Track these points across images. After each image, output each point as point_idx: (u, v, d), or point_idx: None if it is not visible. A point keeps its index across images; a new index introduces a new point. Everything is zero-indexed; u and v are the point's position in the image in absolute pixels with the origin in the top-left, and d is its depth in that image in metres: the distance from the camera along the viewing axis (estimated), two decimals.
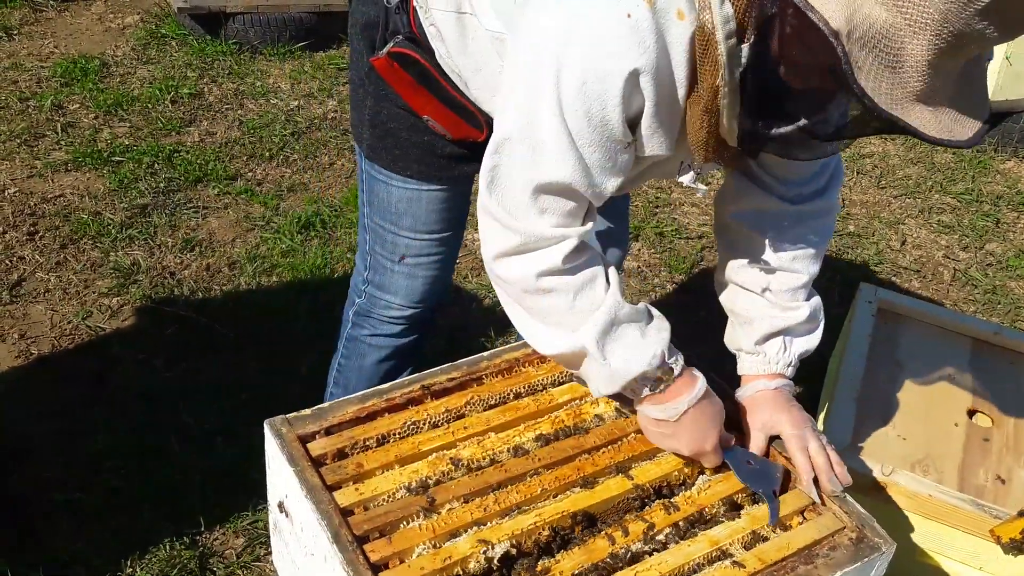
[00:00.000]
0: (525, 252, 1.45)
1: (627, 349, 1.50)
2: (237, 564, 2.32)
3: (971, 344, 2.47)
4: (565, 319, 1.48)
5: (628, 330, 1.51)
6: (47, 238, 3.45)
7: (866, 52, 1.14)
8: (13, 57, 4.69)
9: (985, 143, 4.75)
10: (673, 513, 1.53)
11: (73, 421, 2.67)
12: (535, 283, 1.46)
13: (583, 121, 1.33)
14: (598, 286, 1.49)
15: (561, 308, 1.48)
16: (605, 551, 1.45)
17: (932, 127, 1.18)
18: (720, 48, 1.24)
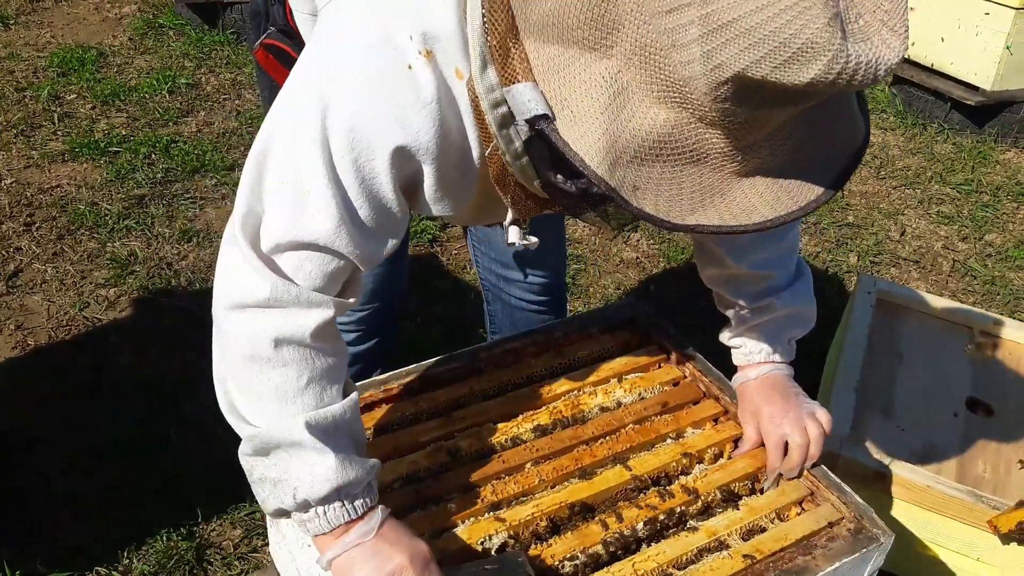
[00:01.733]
0: (270, 308, 1.21)
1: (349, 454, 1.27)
2: (234, 555, 2.32)
3: (970, 335, 2.47)
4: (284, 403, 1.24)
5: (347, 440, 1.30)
6: (44, 229, 3.44)
7: (648, 166, 1.00)
8: (10, 47, 4.68)
9: (985, 133, 4.74)
10: (668, 500, 1.53)
11: (71, 412, 2.67)
12: (270, 350, 1.21)
13: (351, 172, 1.18)
14: (336, 385, 1.29)
15: (288, 388, 1.23)
16: (598, 536, 1.45)
17: (765, 204, 1.04)
18: (488, 117, 1.12)
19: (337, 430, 1.27)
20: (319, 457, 1.23)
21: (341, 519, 1.26)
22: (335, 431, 1.26)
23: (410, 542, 1.28)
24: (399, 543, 1.27)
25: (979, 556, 1.97)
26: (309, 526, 1.28)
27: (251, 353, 1.22)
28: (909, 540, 1.98)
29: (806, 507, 1.56)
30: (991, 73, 4.48)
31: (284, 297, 1.20)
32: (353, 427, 1.31)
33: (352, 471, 1.25)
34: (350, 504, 1.26)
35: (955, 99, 4.69)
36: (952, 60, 4.63)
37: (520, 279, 2.08)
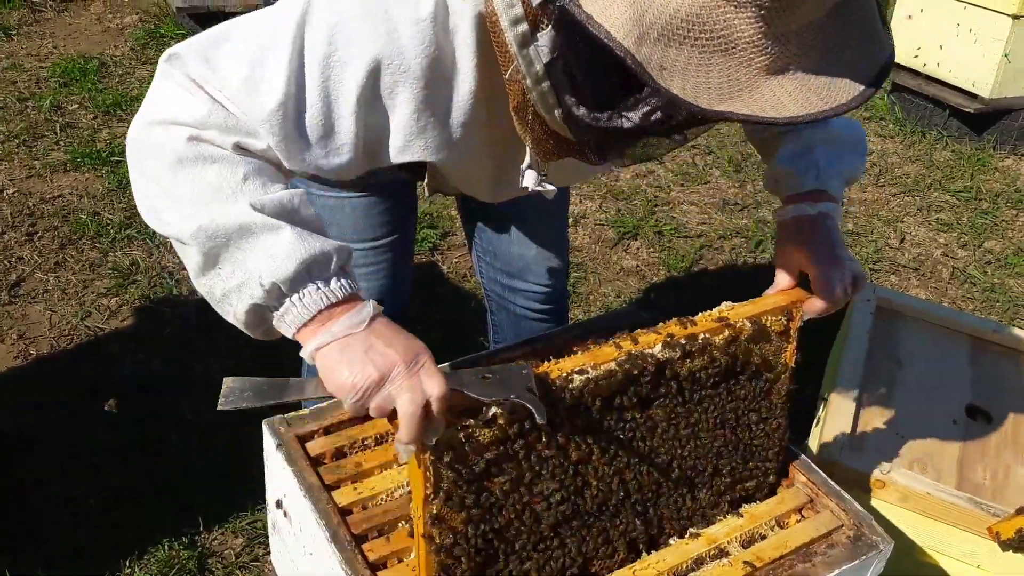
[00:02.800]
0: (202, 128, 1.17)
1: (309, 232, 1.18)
2: (236, 564, 2.32)
3: (970, 342, 2.47)
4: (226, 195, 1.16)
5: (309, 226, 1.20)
6: (46, 238, 3.45)
7: (675, 47, 0.98)
8: (12, 57, 4.70)
9: (984, 141, 4.75)
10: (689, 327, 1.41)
11: (73, 420, 2.67)
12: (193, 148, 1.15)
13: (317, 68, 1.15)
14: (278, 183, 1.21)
15: (226, 182, 1.16)
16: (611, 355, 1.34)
17: (795, 102, 1.00)
18: (507, 36, 1.08)
19: (288, 214, 1.17)
20: (274, 236, 1.14)
21: (320, 303, 1.15)
22: (286, 215, 1.17)
23: (407, 340, 1.17)
24: (394, 341, 1.16)
25: (979, 563, 1.97)
26: (288, 318, 1.16)
27: (175, 158, 1.15)
28: (909, 547, 1.99)
29: (806, 514, 1.57)
30: (989, 81, 4.49)
31: (213, 119, 1.16)
32: (306, 215, 1.20)
33: (315, 243, 1.15)
34: (325, 286, 1.16)
35: (954, 106, 4.70)
36: (951, 68, 4.65)
37: (525, 288, 2.09)
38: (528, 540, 1.34)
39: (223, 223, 1.14)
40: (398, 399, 1.13)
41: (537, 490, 1.31)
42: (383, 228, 1.87)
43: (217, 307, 1.23)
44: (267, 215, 1.15)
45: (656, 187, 4.25)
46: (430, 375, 1.14)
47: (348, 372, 1.13)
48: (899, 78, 4.92)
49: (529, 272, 2.06)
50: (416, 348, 1.16)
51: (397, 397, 1.13)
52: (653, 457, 1.42)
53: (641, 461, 1.41)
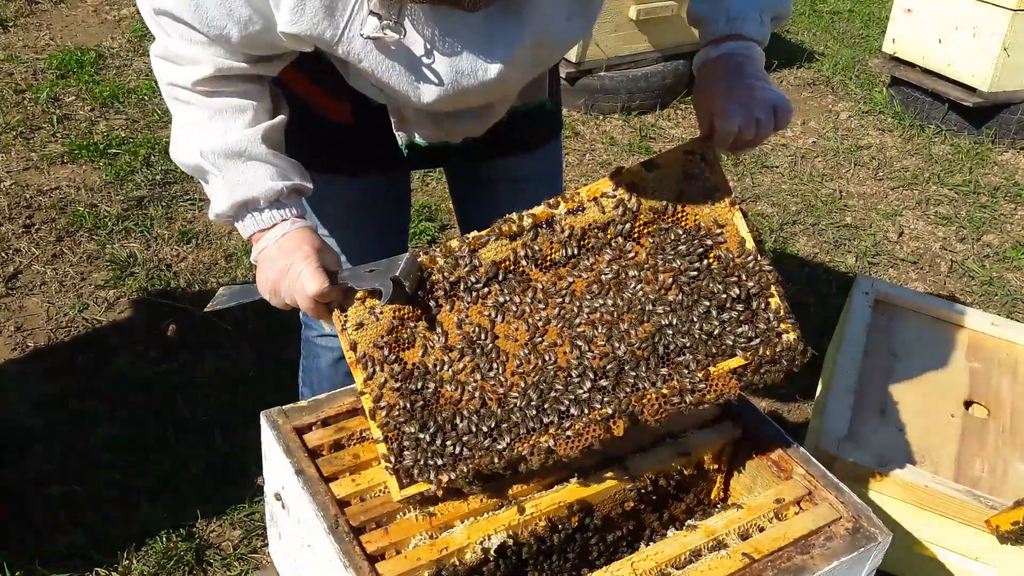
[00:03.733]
0: (165, 59, 1.43)
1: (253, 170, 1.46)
2: (234, 556, 2.32)
3: (968, 335, 2.47)
4: (195, 133, 1.46)
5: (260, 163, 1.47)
6: (43, 231, 3.44)
7: None
8: (8, 49, 4.68)
9: (983, 134, 4.75)
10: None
11: (70, 413, 2.67)
12: (169, 91, 1.45)
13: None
14: (241, 118, 1.45)
15: (196, 122, 1.45)
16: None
17: None
18: None
19: (238, 156, 1.44)
20: (217, 182, 1.46)
21: (252, 228, 1.49)
22: (236, 157, 1.44)
23: (296, 250, 1.45)
24: (285, 250, 1.46)
25: (976, 555, 1.97)
26: (241, 231, 1.51)
27: (165, 95, 1.47)
28: (907, 540, 1.99)
29: (804, 506, 1.56)
30: (988, 74, 4.48)
31: (169, 53, 1.41)
32: (255, 152, 1.45)
33: (242, 191, 1.45)
34: (258, 215, 1.48)
35: (953, 100, 4.70)
36: (950, 61, 4.64)
37: None
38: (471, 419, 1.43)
39: (188, 161, 1.48)
40: (294, 297, 1.46)
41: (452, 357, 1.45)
42: (373, 215, 1.87)
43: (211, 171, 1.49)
44: (218, 159, 1.44)
45: None
46: (307, 276, 1.42)
47: (261, 281, 1.50)
48: (898, 72, 4.91)
49: None
50: (299, 255, 1.44)
51: (293, 295, 1.45)
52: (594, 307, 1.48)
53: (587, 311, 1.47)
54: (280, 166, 1.49)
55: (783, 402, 2.95)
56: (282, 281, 1.45)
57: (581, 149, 4.44)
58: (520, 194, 1.95)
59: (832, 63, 5.61)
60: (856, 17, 6.36)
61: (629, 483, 1.55)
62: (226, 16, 1.32)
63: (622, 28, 4.59)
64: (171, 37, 1.39)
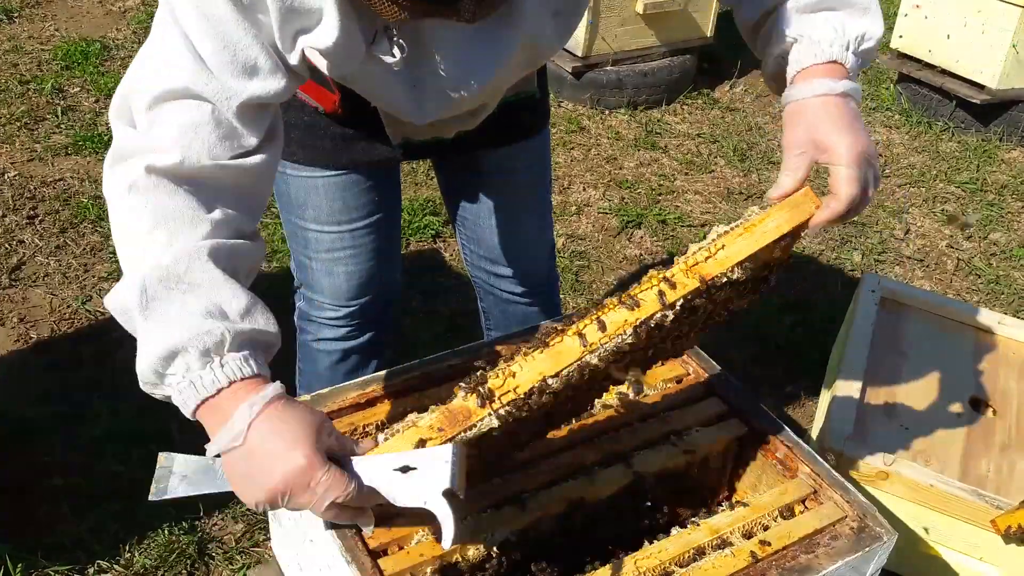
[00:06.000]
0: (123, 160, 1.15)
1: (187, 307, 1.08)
2: (236, 549, 2.32)
3: (974, 334, 2.46)
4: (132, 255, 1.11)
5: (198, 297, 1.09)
6: (47, 222, 3.43)
7: None
8: (14, 40, 4.67)
9: (991, 132, 4.73)
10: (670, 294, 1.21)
11: (73, 405, 2.67)
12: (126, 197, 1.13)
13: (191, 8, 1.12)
14: (196, 229, 1.11)
15: (135, 232, 1.12)
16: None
17: None
18: None
19: (182, 283, 1.08)
20: (138, 326, 1.08)
21: (191, 401, 1.08)
22: (178, 285, 1.08)
23: (285, 456, 1.06)
24: (269, 460, 1.05)
25: (982, 555, 1.96)
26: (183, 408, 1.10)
27: (110, 207, 1.15)
28: (912, 539, 1.98)
29: (809, 505, 1.55)
30: (997, 71, 4.46)
31: (126, 144, 1.15)
32: (202, 282, 1.09)
33: (167, 338, 1.05)
34: (198, 380, 1.06)
35: (960, 97, 4.68)
36: (958, 58, 4.62)
37: (508, 274, 2.07)
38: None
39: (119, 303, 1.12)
40: (309, 509, 1.10)
41: None
42: (362, 209, 1.83)
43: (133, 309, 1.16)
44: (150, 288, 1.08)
45: (660, 176, 4.23)
46: (327, 486, 1.07)
47: (241, 489, 1.09)
48: (906, 68, 4.89)
49: (511, 258, 2.04)
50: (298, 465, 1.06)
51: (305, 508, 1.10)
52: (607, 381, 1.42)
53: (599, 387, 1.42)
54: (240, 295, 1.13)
55: (789, 400, 2.94)
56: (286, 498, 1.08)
57: (586, 144, 4.42)
58: (512, 185, 1.94)
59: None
60: None
61: (633, 481, 1.54)
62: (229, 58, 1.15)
63: (629, 22, 4.58)
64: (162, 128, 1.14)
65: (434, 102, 1.40)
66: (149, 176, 1.12)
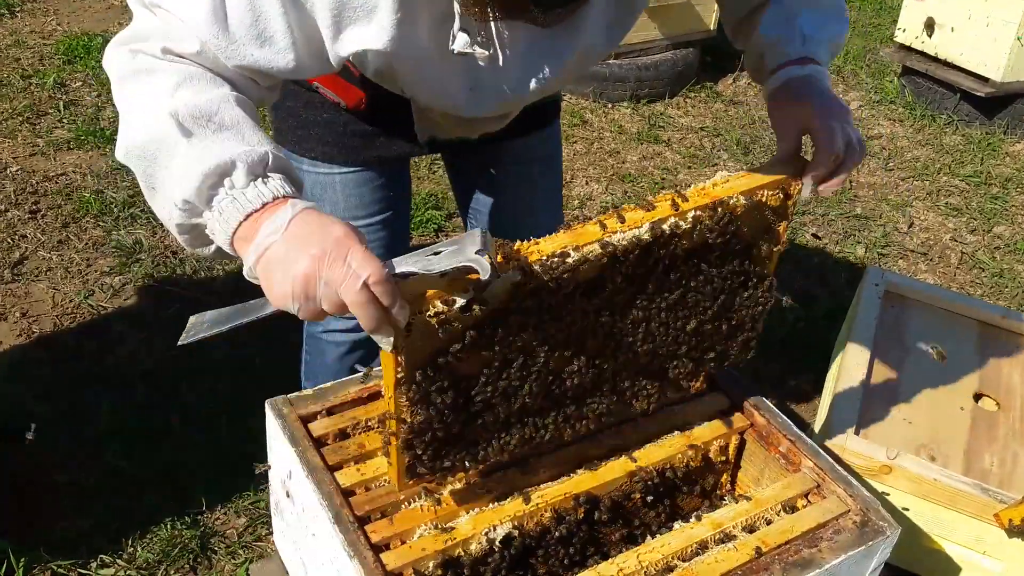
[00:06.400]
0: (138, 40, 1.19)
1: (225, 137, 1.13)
2: (238, 544, 2.32)
3: (978, 327, 2.45)
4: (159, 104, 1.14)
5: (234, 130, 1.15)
6: (49, 216, 3.43)
7: None
8: (15, 34, 4.67)
9: (995, 125, 4.71)
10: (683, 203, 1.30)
11: (75, 400, 2.67)
12: (130, 60, 1.17)
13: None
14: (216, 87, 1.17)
15: (160, 90, 1.14)
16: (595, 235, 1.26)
17: None
18: None
19: (212, 122, 1.13)
20: (180, 150, 1.11)
21: (238, 214, 1.10)
22: (209, 123, 1.13)
23: (323, 230, 1.08)
24: (311, 235, 1.07)
25: (985, 549, 1.96)
26: (217, 234, 1.12)
27: (119, 76, 1.17)
28: (915, 533, 1.98)
29: (812, 499, 1.55)
30: (1001, 64, 4.44)
31: (145, 27, 1.18)
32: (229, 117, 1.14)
33: (219, 152, 1.09)
34: (241, 195, 1.10)
35: (964, 90, 4.66)
36: (962, 51, 4.60)
37: None
38: (497, 421, 1.33)
39: (147, 138, 1.13)
40: (340, 292, 1.06)
41: (513, 375, 1.28)
42: (375, 206, 1.85)
43: (171, 229, 1.19)
44: (185, 121, 1.11)
45: (663, 169, 4.22)
46: (360, 259, 1.06)
47: (278, 283, 1.08)
48: (910, 61, 4.87)
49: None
50: (336, 235, 1.07)
51: (337, 290, 1.06)
52: (630, 338, 1.37)
53: (617, 344, 1.37)
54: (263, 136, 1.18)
55: (792, 394, 2.93)
56: (321, 272, 1.06)
57: (589, 137, 4.41)
58: (527, 175, 1.94)
59: (843, 52, 5.57)
60: (867, 6, 6.31)
61: (636, 475, 1.54)
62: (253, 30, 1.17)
63: None
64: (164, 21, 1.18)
65: (490, 100, 1.46)
66: (166, 55, 1.16)
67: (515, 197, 1.97)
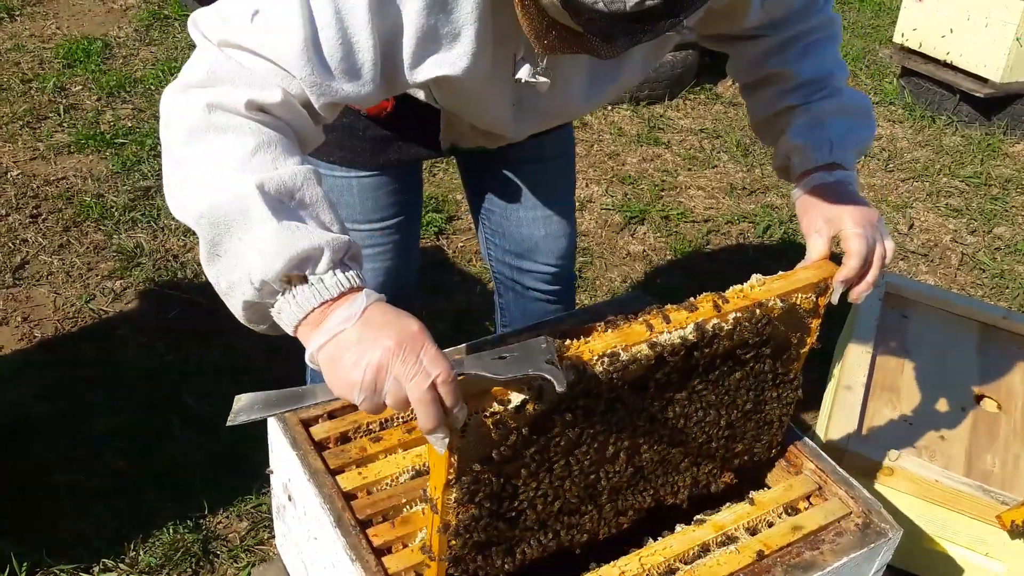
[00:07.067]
0: (209, 86, 1.15)
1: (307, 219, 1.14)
2: (240, 548, 2.32)
3: (979, 328, 2.45)
4: (233, 171, 1.12)
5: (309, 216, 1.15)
6: (50, 221, 3.43)
7: None
8: (15, 38, 4.67)
9: (994, 126, 4.72)
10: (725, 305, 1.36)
11: (76, 403, 2.67)
12: (204, 116, 1.13)
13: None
14: (292, 157, 1.16)
15: (235, 154, 1.12)
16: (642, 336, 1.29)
17: None
18: None
19: (294, 200, 1.13)
20: (265, 229, 1.09)
21: (313, 301, 1.10)
22: (292, 200, 1.13)
23: (400, 323, 1.09)
24: (387, 326, 1.08)
25: (987, 551, 1.96)
26: (284, 317, 1.12)
27: (188, 128, 1.14)
28: (917, 535, 1.98)
29: (814, 502, 1.55)
30: (1000, 65, 4.44)
31: (221, 72, 1.14)
32: (311, 196, 1.15)
33: (308, 238, 1.10)
34: (319, 283, 1.10)
35: (964, 91, 4.66)
36: (961, 52, 4.60)
37: (533, 268, 2.08)
38: (540, 518, 1.33)
39: (224, 205, 1.10)
40: (406, 388, 1.07)
41: (557, 474, 1.29)
42: (390, 209, 1.87)
43: (224, 300, 1.19)
44: (270, 196, 1.10)
45: (663, 171, 4.22)
46: (432, 357, 1.07)
47: (346, 371, 1.08)
48: (909, 62, 4.87)
49: (537, 252, 2.05)
50: (412, 330, 1.09)
51: (405, 385, 1.07)
52: (668, 434, 1.40)
53: (657, 439, 1.39)
54: (338, 217, 1.18)
55: None
56: (394, 365, 1.06)
57: (589, 140, 4.41)
58: (541, 173, 1.96)
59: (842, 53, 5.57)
60: (867, 7, 6.31)
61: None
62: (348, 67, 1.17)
63: None
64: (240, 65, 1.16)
65: (533, 120, 1.54)
66: (250, 110, 1.14)
67: (527, 196, 1.98)
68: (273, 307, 1.13)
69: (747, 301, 1.37)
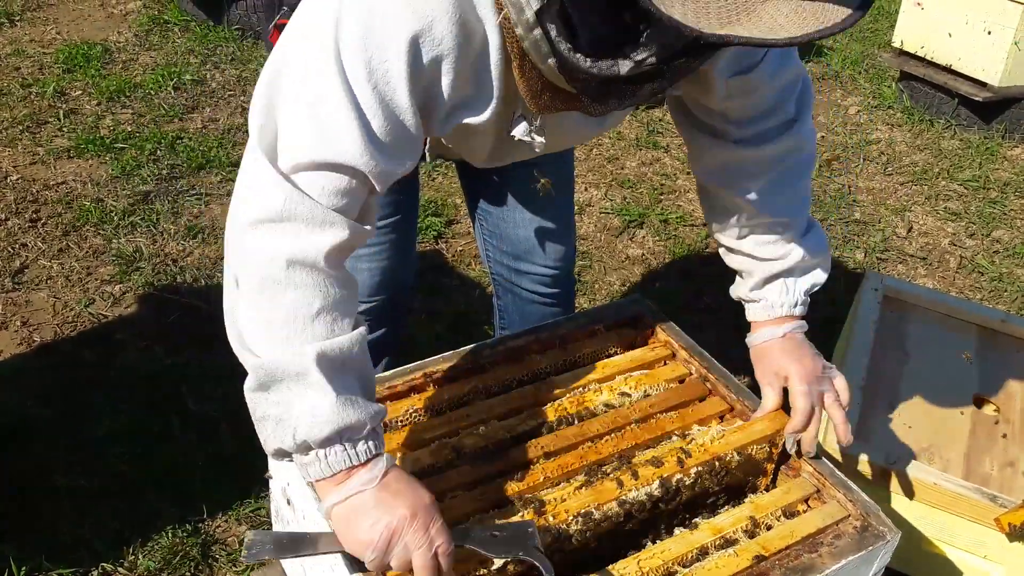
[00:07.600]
0: (283, 223, 1.19)
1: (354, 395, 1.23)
2: (239, 552, 2.32)
3: (977, 332, 2.45)
4: (295, 330, 1.20)
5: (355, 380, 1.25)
6: (49, 225, 3.44)
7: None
8: (15, 43, 4.68)
9: (993, 130, 4.72)
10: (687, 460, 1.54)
11: (75, 405, 2.67)
12: (283, 271, 1.19)
13: (364, 78, 1.16)
14: (347, 319, 1.25)
15: (299, 314, 1.20)
16: (612, 494, 1.46)
17: (792, 24, 0.99)
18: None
19: (345, 366, 1.22)
20: (322, 395, 1.18)
21: (343, 464, 1.21)
22: (343, 366, 1.22)
23: (414, 494, 1.23)
24: (402, 494, 1.22)
25: (986, 554, 1.96)
26: (310, 470, 1.22)
27: (264, 275, 1.19)
28: (916, 538, 1.98)
29: (812, 504, 1.55)
30: (999, 69, 4.45)
31: (298, 210, 1.17)
32: (362, 365, 1.26)
33: (355, 413, 1.20)
34: (352, 449, 1.21)
35: (963, 95, 4.67)
36: (960, 56, 4.61)
37: (532, 271, 2.08)
38: None
39: (282, 366, 1.19)
40: (413, 554, 1.20)
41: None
42: (387, 208, 1.87)
43: (253, 415, 1.26)
44: (325, 364, 1.18)
45: (662, 175, 4.22)
46: (438, 530, 1.21)
47: (364, 531, 1.20)
48: (908, 66, 4.88)
49: (535, 254, 2.05)
50: (424, 501, 1.22)
51: (412, 552, 1.20)
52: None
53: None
54: (372, 376, 1.30)
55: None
56: (406, 533, 1.19)
57: (588, 144, 4.42)
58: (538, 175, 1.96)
59: (841, 57, 5.58)
60: None
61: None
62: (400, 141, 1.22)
63: None
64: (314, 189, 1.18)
65: (515, 156, 1.59)
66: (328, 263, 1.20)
67: (525, 198, 1.98)
68: (302, 458, 1.23)
69: (708, 455, 1.55)
